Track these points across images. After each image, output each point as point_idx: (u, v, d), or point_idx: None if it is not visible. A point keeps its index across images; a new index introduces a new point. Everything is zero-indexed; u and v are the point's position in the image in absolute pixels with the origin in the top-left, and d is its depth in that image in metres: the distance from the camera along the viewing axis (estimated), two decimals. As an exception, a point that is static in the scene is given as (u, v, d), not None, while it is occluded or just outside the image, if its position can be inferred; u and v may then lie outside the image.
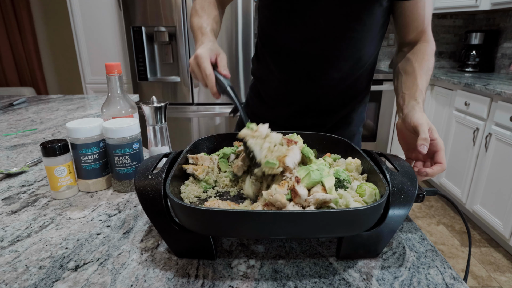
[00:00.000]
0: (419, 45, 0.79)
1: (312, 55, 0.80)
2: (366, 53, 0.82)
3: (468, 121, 2.23)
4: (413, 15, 0.77)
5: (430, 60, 0.77)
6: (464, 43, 2.96)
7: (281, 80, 0.87)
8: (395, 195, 0.45)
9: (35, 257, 0.48)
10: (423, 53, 0.78)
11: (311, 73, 0.83)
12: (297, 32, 0.79)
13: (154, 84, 2.54)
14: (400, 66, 0.80)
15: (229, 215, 0.40)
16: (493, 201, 2.00)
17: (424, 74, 0.75)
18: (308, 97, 0.87)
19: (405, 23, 0.79)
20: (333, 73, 0.82)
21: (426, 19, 0.78)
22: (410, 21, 0.79)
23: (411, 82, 0.74)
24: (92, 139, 0.66)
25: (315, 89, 0.85)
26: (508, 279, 1.76)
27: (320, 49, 0.79)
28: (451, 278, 0.44)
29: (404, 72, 0.77)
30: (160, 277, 0.44)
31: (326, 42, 0.78)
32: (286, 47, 0.83)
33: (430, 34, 0.80)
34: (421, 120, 0.63)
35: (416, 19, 0.78)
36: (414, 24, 0.79)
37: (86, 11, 2.58)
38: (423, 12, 0.77)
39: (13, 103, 1.59)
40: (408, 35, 0.81)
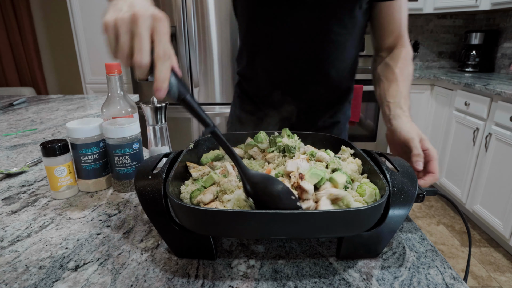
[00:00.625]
0: (397, 50, 0.80)
1: (296, 58, 0.81)
2: (349, 54, 0.83)
3: (468, 121, 2.23)
4: (388, 17, 0.79)
5: (410, 66, 0.79)
6: (464, 43, 2.96)
7: (266, 82, 0.88)
8: (395, 195, 0.45)
9: (35, 257, 0.48)
10: (402, 59, 0.78)
11: (296, 75, 0.83)
12: (280, 35, 0.79)
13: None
14: (381, 73, 0.80)
15: (229, 215, 0.40)
16: (493, 201, 2.00)
17: (406, 80, 0.76)
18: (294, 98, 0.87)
19: (382, 26, 0.81)
20: (317, 75, 0.83)
21: (402, 23, 0.80)
22: (386, 23, 0.80)
23: (395, 89, 0.74)
24: (92, 139, 0.66)
25: (300, 93, 0.86)
26: (508, 279, 1.76)
27: (303, 52, 0.80)
28: (451, 278, 0.44)
29: (385, 79, 0.78)
30: (160, 277, 0.44)
31: (310, 45, 0.79)
32: (269, 50, 0.83)
33: (407, 39, 0.81)
34: (411, 134, 0.64)
35: (392, 22, 0.79)
36: (391, 27, 0.79)
37: (86, 11, 2.58)
38: (399, 15, 0.78)
39: (13, 103, 1.59)
40: (385, 39, 0.82)
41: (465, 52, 2.92)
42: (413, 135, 0.64)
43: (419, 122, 2.79)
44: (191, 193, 0.50)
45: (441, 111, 2.57)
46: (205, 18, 2.37)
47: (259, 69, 0.88)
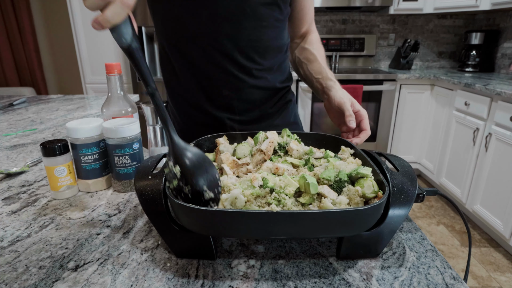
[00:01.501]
0: (310, 36, 0.91)
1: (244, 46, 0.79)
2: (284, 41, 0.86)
3: (468, 121, 2.23)
4: (305, 9, 0.89)
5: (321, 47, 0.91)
6: (464, 43, 2.96)
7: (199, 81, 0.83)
8: (395, 195, 0.45)
9: (35, 257, 0.48)
10: (316, 42, 0.90)
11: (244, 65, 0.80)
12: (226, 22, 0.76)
13: (154, 84, 2.54)
14: (300, 56, 0.90)
15: (229, 215, 0.40)
16: (493, 201, 2.00)
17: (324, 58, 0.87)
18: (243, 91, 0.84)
19: (299, 16, 0.89)
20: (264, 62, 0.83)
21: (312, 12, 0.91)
22: (304, 14, 0.89)
23: (318, 67, 0.85)
24: (92, 139, 0.66)
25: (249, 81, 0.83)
26: (508, 279, 1.76)
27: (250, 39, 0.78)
28: (451, 278, 0.44)
29: (306, 60, 0.88)
30: (160, 277, 0.44)
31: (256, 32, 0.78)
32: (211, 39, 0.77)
33: (314, 26, 0.93)
34: (343, 99, 0.75)
35: (308, 13, 0.90)
36: (306, 17, 0.90)
37: (86, 11, 2.58)
38: (311, 5, 0.89)
39: (13, 103, 1.59)
40: (301, 28, 0.91)
41: (465, 52, 2.92)
42: (345, 99, 0.75)
43: (419, 122, 2.79)
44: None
45: (441, 111, 2.57)
46: (205, 18, 2.36)
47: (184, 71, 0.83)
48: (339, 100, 0.75)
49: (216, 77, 0.82)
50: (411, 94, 2.72)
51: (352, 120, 0.72)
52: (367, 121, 0.73)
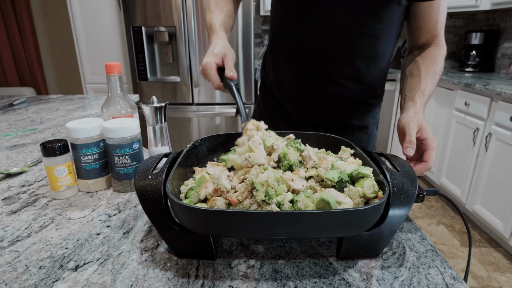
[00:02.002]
0: (430, 49, 0.79)
1: (327, 51, 0.79)
2: (382, 51, 0.81)
3: (468, 121, 2.23)
4: (427, 17, 0.77)
5: (439, 64, 0.77)
6: (464, 43, 2.96)
7: (294, 78, 0.86)
8: (395, 195, 0.45)
9: (35, 257, 0.48)
10: (432, 57, 0.77)
11: (326, 71, 0.81)
12: (312, 27, 0.77)
13: (154, 84, 2.54)
14: (407, 69, 0.79)
15: (229, 215, 0.40)
16: (493, 201, 2.00)
17: (430, 77, 0.74)
18: (323, 96, 0.85)
19: (418, 25, 0.79)
20: (349, 71, 0.81)
21: (439, 23, 0.78)
22: (423, 23, 0.78)
23: (415, 84, 0.74)
24: (92, 139, 0.66)
25: (329, 88, 0.84)
26: (508, 279, 1.76)
27: (335, 45, 0.78)
28: (451, 278, 0.44)
29: (410, 75, 0.77)
30: (160, 277, 0.44)
31: (342, 38, 0.77)
32: (300, 42, 0.81)
33: (443, 39, 0.80)
34: (409, 122, 0.63)
35: (430, 22, 0.78)
36: (427, 27, 0.78)
37: (86, 11, 2.58)
38: (437, 15, 0.77)
39: (13, 103, 1.59)
40: (420, 38, 0.80)
41: (465, 52, 2.92)
42: (411, 123, 0.63)
43: (419, 122, 2.79)
44: (186, 192, 0.50)
45: (441, 111, 2.57)
46: (205, 18, 2.36)
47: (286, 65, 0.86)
48: (404, 123, 0.64)
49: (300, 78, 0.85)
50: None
51: (409, 147, 0.61)
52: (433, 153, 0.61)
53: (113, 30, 2.62)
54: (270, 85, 0.94)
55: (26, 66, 3.46)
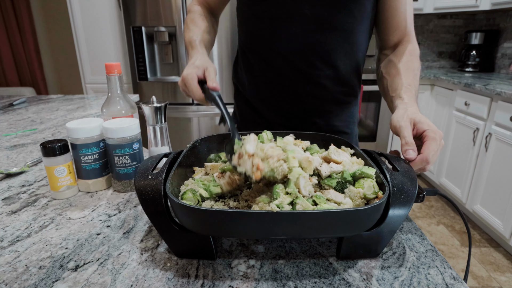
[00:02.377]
0: (401, 46, 0.77)
1: (301, 49, 0.77)
2: (357, 47, 0.79)
3: (468, 121, 2.23)
4: (392, 9, 0.76)
5: (415, 61, 0.74)
6: (464, 43, 2.96)
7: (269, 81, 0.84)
8: (395, 195, 0.45)
9: (35, 257, 0.48)
10: (407, 54, 0.75)
11: (301, 70, 0.79)
12: (283, 25, 0.76)
13: (154, 84, 2.54)
14: (383, 70, 0.77)
15: (229, 215, 0.40)
16: (493, 201, 2.00)
17: (411, 72, 0.71)
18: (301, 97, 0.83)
19: (386, 19, 0.78)
20: (324, 68, 0.79)
21: (407, 17, 0.76)
22: (391, 17, 0.77)
23: (397, 83, 0.70)
24: (92, 139, 0.66)
25: (307, 88, 0.81)
26: (508, 279, 1.76)
27: (308, 42, 0.76)
28: (451, 278, 0.44)
29: (388, 75, 0.75)
30: (160, 277, 0.44)
31: (314, 34, 0.75)
32: (271, 42, 0.79)
33: (413, 36, 0.78)
34: (399, 122, 0.58)
35: (397, 15, 0.76)
36: (395, 20, 0.76)
37: (86, 11, 2.58)
38: (404, 8, 0.75)
39: (13, 103, 1.59)
40: (389, 35, 0.78)
41: (465, 52, 2.92)
42: (402, 123, 0.58)
43: (419, 122, 2.79)
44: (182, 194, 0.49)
45: (441, 111, 2.57)
46: (205, 18, 2.36)
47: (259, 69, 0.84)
48: (395, 124, 0.59)
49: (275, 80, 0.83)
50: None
51: (408, 149, 0.54)
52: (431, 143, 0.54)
53: (113, 30, 2.62)
54: (244, 91, 0.91)
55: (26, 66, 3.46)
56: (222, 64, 2.48)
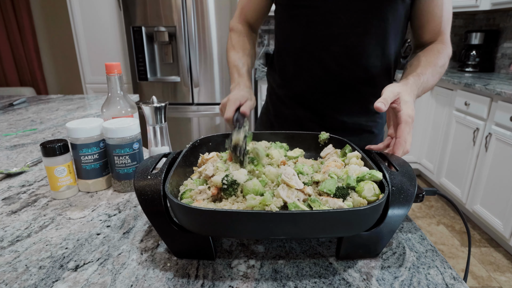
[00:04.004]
0: (433, 45, 0.78)
1: (334, 52, 0.79)
2: (389, 50, 0.80)
3: (468, 121, 2.23)
4: (429, 14, 0.77)
5: (441, 58, 0.75)
6: (464, 43, 2.96)
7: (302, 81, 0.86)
8: (394, 195, 0.45)
9: (35, 257, 0.48)
10: (435, 51, 0.76)
11: (334, 72, 0.81)
12: (318, 28, 0.78)
13: (154, 84, 2.54)
14: (408, 63, 0.79)
15: (229, 215, 0.40)
16: (493, 201, 2.00)
17: (431, 67, 0.72)
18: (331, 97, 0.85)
19: (421, 24, 0.79)
20: (356, 71, 0.80)
21: (443, 21, 0.77)
22: (426, 21, 0.78)
23: (412, 70, 0.72)
24: (92, 139, 0.66)
25: (338, 89, 0.83)
26: (508, 279, 1.76)
27: (342, 45, 0.78)
28: (451, 278, 0.44)
29: (409, 66, 0.76)
30: (160, 277, 0.44)
31: (348, 38, 0.77)
32: (306, 44, 0.81)
33: (448, 38, 0.79)
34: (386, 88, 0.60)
35: (432, 19, 0.77)
36: (431, 25, 0.78)
37: (86, 11, 2.58)
38: (440, 12, 0.76)
39: (13, 103, 1.59)
40: (424, 36, 0.80)
41: (465, 52, 2.92)
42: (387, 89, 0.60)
43: (419, 122, 2.79)
44: (182, 194, 0.50)
45: (441, 111, 2.57)
46: (205, 18, 2.37)
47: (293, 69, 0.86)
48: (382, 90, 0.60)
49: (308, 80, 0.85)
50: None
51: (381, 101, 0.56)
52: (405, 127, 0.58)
53: (113, 30, 2.62)
54: (277, 88, 0.94)
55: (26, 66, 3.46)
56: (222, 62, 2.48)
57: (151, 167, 0.51)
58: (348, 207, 0.45)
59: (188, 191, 0.50)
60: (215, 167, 0.54)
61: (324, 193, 0.48)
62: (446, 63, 0.77)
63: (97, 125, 0.67)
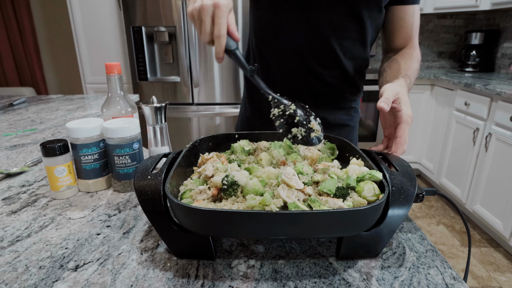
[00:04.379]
0: (406, 49, 0.84)
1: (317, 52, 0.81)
2: (366, 53, 0.85)
3: (468, 121, 2.23)
4: (402, 21, 0.81)
5: (415, 62, 0.80)
6: (464, 43, 2.96)
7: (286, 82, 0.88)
8: (394, 195, 0.45)
9: (35, 257, 0.48)
10: (409, 55, 0.81)
11: (315, 70, 0.84)
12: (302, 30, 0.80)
13: (154, 84, 2.54)
14: (386, 66, 0.83)
15: (229, 215, 0.40)
16: (493, 201, 2.00)
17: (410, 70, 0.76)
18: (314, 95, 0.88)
19: (394, 29, 0.83)
20: (335, 70, 0.84)
21: (414, 27, 0.82)
22: (399, 27, 0.82)
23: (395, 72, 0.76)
24: (92, 139, 0.66)
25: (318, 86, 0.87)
26: (508, 279, 1.76)
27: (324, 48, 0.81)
28: (451, 278, 0.44)
29: (389, 69, 0.80)
30: (160, 277, 0.44)
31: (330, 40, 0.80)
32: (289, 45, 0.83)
33: (417, 42, 0.84)
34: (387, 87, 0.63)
35: (404, 26, 0.82)
36: (402, 30, 0.83)
37: (86, 11, 2.58)
38: (412, 20, 0.81)
39: (13, 103, 1.59)
40: (395, 41, 0.85)
41: (465, 52, 2.92)
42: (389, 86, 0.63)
43: (419, 122, 2.79)
44: (182, 194, 0.50)
45: (441, 111, 2.57)
46: (205, 18, 2.36)
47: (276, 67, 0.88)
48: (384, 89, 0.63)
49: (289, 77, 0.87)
50: (411, 94, 2.72)
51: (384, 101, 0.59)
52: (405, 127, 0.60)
53: (113, 30, 2.62)
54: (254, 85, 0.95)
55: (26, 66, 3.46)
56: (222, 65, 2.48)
57: (151, 167, 0.51)
58: (348, 207, 0.45)
59: (188, 191, 0.50)
60: (214, 167, 0.54)
61: (324, 193, 0.48)
62: (418, 66, 0.82)
63: (97, 125, 0.67)
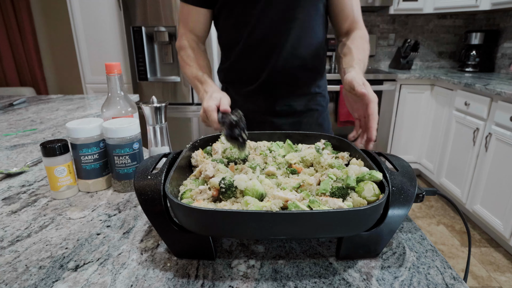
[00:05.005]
0: (353, 33, 0.92)
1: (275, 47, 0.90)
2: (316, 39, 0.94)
3: (468, 121, 2.23)
4: (341, 5, 0.92)
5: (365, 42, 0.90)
6: (464, 43, 2.96)
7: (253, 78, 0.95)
8: (394, 195, 0.45)
9: (35, 257, 0.48)
10: (358, 38, 0.90)
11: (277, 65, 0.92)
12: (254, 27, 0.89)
13: (154, 84, 2.54)
14: (340, 51, 0.91)
15: (229, 215, 0.40)
16: (493, 201, 2.00)
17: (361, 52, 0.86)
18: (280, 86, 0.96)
19: (336, 13, 0.93)
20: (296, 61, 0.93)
21: (354, 9, 0.92)
22: (340, 10, 0.92)
23: (349, 59, 0.84)
24: (92, 139, 0.66)
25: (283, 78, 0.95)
26: (508, 279, 1.76)
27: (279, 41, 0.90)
28: (451, 278, 0.44)
29: (343, 55, 0.88)
30: (160, 277, 0.44)
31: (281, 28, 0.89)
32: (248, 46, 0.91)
33: (362, 23, 0.94)
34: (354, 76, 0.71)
35: (345, 8, 0.92)
36: (344, 13, 0.92)
37: (86, 11, 2.58)
38: (351, 2, 0.91)
39: (13, 103, 1.59)
40: (341, 25, 0.94)
41: (465, 52, 2.92)
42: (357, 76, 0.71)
43: (419, 122, 2.79)
44: (182, 194, 0.50)
45: (441, 111, 2.57)
46: (205, 18, 2.36)
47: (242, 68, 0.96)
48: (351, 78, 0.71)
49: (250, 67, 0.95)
50: (411, 94, 2.72)
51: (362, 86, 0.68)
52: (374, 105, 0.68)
53: (113, 30, 2.62)
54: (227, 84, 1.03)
55: (26, 66, 3.46)
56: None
57: (151, 167, 0.51)
58: (348, 207, 0.45)
59: (188, 191, 0.50)
60: (215, 168, 0.54)
61: (323, 194, 0.48)
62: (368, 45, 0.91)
63: (97, 125, 0.67)
